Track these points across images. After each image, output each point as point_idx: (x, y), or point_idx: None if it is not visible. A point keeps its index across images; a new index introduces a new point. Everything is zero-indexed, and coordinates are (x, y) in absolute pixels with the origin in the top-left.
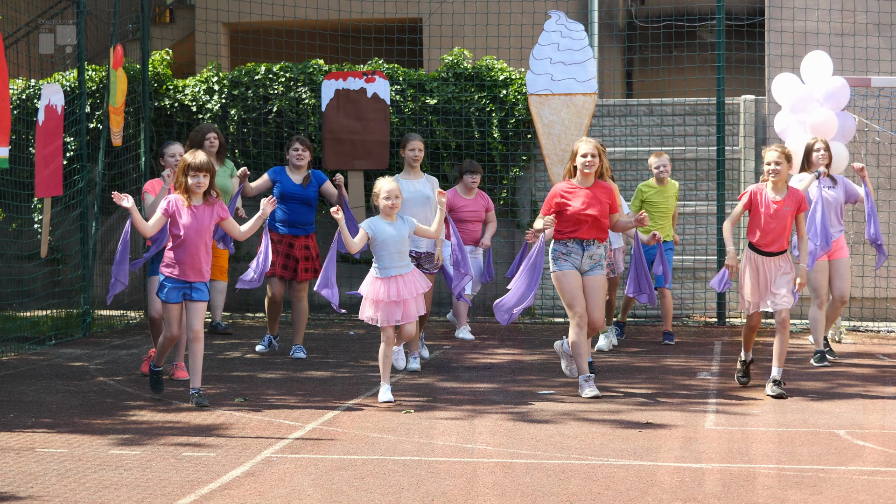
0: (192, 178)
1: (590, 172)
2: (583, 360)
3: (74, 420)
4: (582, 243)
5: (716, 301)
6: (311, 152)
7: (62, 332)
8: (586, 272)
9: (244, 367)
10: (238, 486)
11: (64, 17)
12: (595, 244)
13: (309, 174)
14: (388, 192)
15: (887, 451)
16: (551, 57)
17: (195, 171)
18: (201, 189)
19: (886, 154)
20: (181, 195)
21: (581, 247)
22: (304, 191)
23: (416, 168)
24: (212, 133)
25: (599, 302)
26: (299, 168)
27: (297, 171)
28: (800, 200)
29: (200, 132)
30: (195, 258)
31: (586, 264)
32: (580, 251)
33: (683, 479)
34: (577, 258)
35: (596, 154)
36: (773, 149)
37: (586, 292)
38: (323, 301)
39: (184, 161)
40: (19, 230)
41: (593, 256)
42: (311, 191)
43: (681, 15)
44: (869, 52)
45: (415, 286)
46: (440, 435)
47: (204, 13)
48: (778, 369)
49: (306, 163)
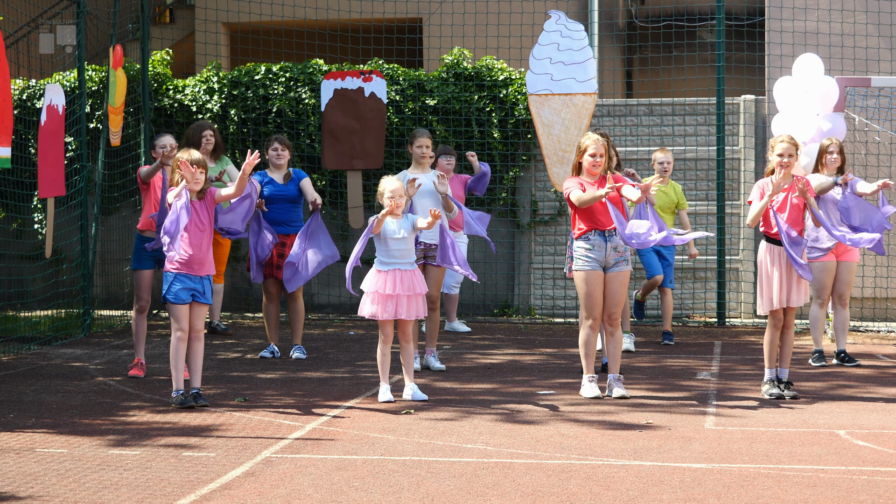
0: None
1: (596, 172)
2: (590, 359)
3: (74, 420)
4: (604, 234)
5: (716, 301)
6: (290, 151)
7: (62, 332)
8: (611, 267)
9: (243, 368)
10: (238, 486)
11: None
12: (617, 234)
13: (290, 172)
14: (392, 192)
15: (887, 451)
16: (551, 57)
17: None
18: (198, 186)
19: (886, 154)
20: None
21: (604, 238)
22: (287, 188)
23: (425, 164)
24: (208, 131)
25: (620, 299)
26: (279, 167)
27: (278, 171)
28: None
29: (197, 129)
30: (201, 249)
31: (612, 258)
32: (603, 244)
33: (683, 479)
34: (601, 252)
35: (604, 154)
36: (783, 140)
37: (609, 289)
38: (323, 301)
39: (179, 159)
40: (20, 230)
41: (618, 248)
42: (292, 187)
43: (681, 15)
44: (869, 52)
45: (413, 284)
46: (440, 435)
47: (204, 13)
48: (784, 370)
49: (286, 162)
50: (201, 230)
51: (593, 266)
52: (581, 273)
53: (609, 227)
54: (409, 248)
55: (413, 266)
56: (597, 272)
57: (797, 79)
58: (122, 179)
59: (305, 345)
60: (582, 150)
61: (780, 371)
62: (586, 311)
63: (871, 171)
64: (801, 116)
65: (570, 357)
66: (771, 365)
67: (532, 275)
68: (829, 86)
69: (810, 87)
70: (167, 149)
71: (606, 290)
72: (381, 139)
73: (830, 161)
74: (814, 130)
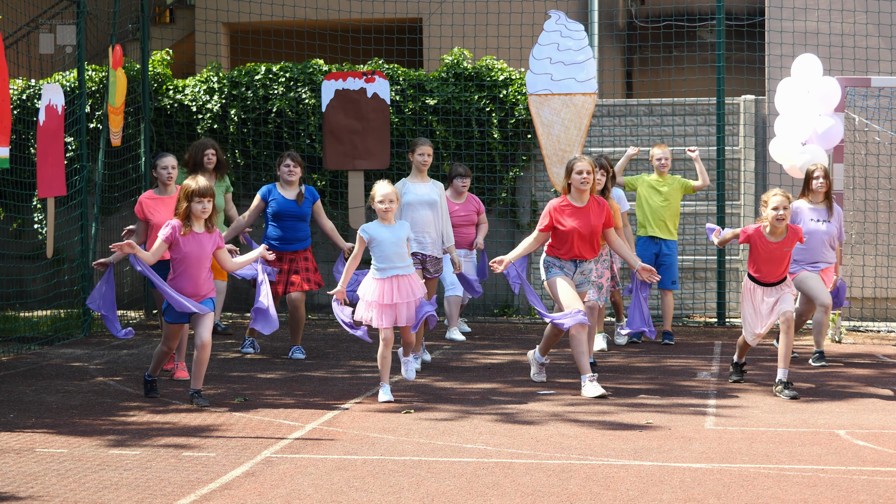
0: (197, 204)
1: (585, 189)
2: (584, 358)
3: (74, 420)
4: (574, 261)
5: (716, 301)
6: (301, 168)
7: (62, 332)
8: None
9: (243, 367)
10: (238, 486)
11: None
12: (587, 262)
13: (302, 191)
14: (384, 196)
15: (887, 451)
16: (551, 57)
17: (200, 196)
18: (206, 214)
19: (886, 154)
20: (181, 222)
21: (574, 263)
22: (299, 208)
23: (424, 172)
24: (210, 149)
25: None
26: (291, 184)
27: (289, 187)
28: (798, 237)
29: (199, 148)
30: (197, 285)
31: (577, 279)
32: (572, 266)
33: (683, 479)
34: (569, 272)
35: (591, 171)
36: (777, 194)
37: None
38: (323, 301)
39: (187, 187)
40: (20, 230)
41: (584, 272)
42: (305, 207)
43: (681, 15)
44: (869, 52)
45: (411, 290)
46: (440, 435)
47: (204, 13)
48: (784, 371)
49: (297, 178)
50: (200, 261)
51: (563, 273)
52: (550, 280)
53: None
54: (403, 250)
55: (410, 269)
56: (565, 278)
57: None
58: (122, 179)
59: (305, 345)
60: (570, 168)
61: (780, 371)
62: (567, 307)
63: (871, 171)
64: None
65: (570, 357)
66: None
67: (532, 275)
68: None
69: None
70: (168, 170)
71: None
72: (385, 139)
73: (818, 186)
74: (809, 131)
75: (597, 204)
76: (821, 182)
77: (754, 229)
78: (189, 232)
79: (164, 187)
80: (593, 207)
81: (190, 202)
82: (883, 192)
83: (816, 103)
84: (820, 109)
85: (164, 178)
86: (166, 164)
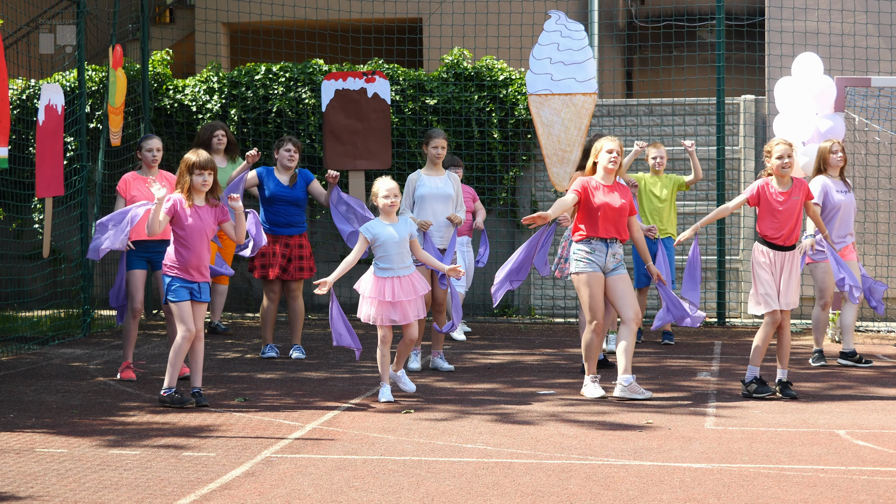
0: (197, 177)
1: (613, 169)
2: (593, 360)
3: (74, 420)
4: (605, 241)
5: (716, 301)
6: (299, 154)
7: (62, 332)
8: (611, 272)
9: (243, 368)
10: (238, 486)
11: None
12: (617, 243)
13: (295, 174)
14: (388, 191)
15: (887, 451)
16: (551, 57)
17: (200, 169)
18: (206, 187)
19: (886, 154)
20: (184, 195)
21: (605, 244)
22: (292, 191)
23: (439, 165)
24: (220, 130)
25: (630, 298)
26: (289, 169)
27: (285, 172)
28: (806, 190)
29: (209, 129)
30: (200, 257)
31: (610, 263)
32: (604, 248)
33: (683, 479)
34: (601, 256)
35: (620, 151)
36: (781, 142)
37: (616, 294)
38: (323, 301)
39: (188, 160)
40: (19, 230)
41: (616, 255)
42: (298, 191)
43: (681, 15)
44: (869, 52)
45: (413, 288)
46: (440, 435)
47: (204, 13)
48: (784, 371)
49: (296, 164)
50: (202, 234)
51: (594, 268)
52: (583, 276)
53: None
54: (406, 250)
55: (411, 269)
56: (598, 274)
57: (796, 79)
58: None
59: (305, 345)
60: (598, 149)
61: (780, 371)
62: (590, 313)
63: (871, 171)
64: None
65: (570, 357)
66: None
67: (532, 275)
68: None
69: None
70: (153, 153)
71: (617, 293)
72: (386, 139)
73: (836, 161)
74: (812, 130)
75: (620, 186)
76: (839, 156)
77: (759, 186)
78: (191, 205)
79: (148, 169)
80: (619, 188)
81: (191, 175)
82: (883, 191)
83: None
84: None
85: (149, 160)
86: (151, 147)
